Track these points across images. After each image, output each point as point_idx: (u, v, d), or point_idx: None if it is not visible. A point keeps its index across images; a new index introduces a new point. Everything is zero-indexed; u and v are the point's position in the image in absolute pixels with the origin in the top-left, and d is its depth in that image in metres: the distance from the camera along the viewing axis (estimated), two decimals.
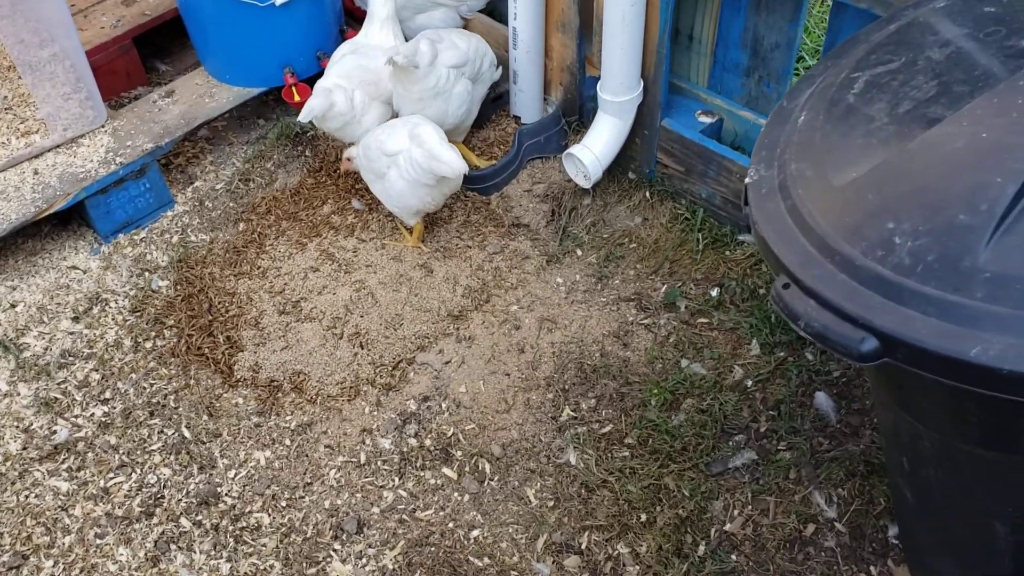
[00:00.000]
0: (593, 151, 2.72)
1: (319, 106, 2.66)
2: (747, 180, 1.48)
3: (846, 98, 1.47)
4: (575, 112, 2.99)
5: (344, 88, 2.71)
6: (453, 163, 2.43)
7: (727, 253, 2.68)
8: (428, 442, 2.34)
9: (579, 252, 2.76)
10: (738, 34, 2.61)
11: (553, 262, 2.74)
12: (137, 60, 3.28)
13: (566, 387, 2.42)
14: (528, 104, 2.98)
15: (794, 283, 1.28)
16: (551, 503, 2.21)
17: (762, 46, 2.58)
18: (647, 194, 2.85)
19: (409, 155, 2.50)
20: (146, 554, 2.17)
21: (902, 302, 1.18)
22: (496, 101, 3.08)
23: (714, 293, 2.59)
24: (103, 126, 2.89)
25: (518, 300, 2.64)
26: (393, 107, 2.80)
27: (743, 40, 2.61)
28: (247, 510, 2.24)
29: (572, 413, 2.37)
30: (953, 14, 1.54)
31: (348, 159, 2.72)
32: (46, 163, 2.79)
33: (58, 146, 2.83)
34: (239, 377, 2.49)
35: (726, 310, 2.55)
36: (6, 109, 2.89)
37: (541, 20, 2.79)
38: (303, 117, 2.67)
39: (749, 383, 2.38)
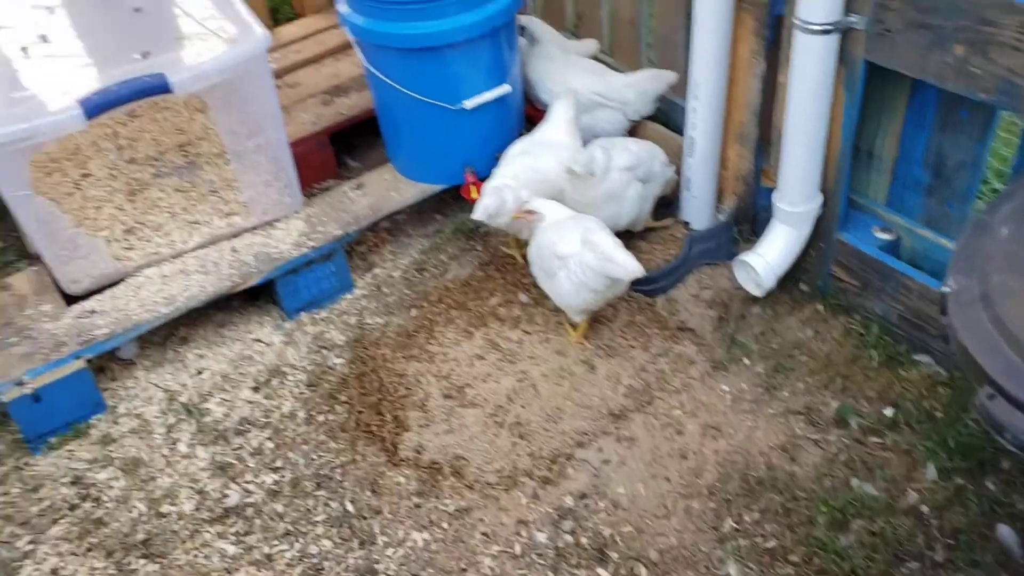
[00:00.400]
0: (767, 259, 2.71)
1: (492, 205, 2.80)
2: (946, 289, 1.45)
3: None
4: (747, 221, 3.00)
5: (512, 188, 2.84)
6: (628, 265, 2.47)
7: (902, 372, 2.58)
8: (584, 540, 2.32)
9: (746, 361, 2.72)
10: (921, 153, 2.57)
11: (719, 369, 2.71)
12: (331, 155, 3.52)
13: (729, 497, 2.36)
14: (699, 210, 3.01)
15: (1000, 394, 1.23)
16: None
17: (945, 166, 2.53)
18: (819, 307, 2.80)
19: (580, 259, 2.55)
20: None
21: None
22: (667, 207, 3.13)
23: (888, 412, 2.49)
24: (298, 212, 3.10)
25: (681, 404, 2.61)
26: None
27: (925, 159, 2.57)
28: None
29: (734, 525, 2.30)
30: None
31: (529, 212, 2.74)
32: (244, 242, 3.01)
33: (256, 227, 3.05)
34: (403, 456, 2.56)
35: (900, 431, 2.44)
36: (212, 192, 3.14)
37: (719, 131, 2.84)
38: (476, 215, 2.81)
39: (924, 509, 2.25)
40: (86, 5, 3.02)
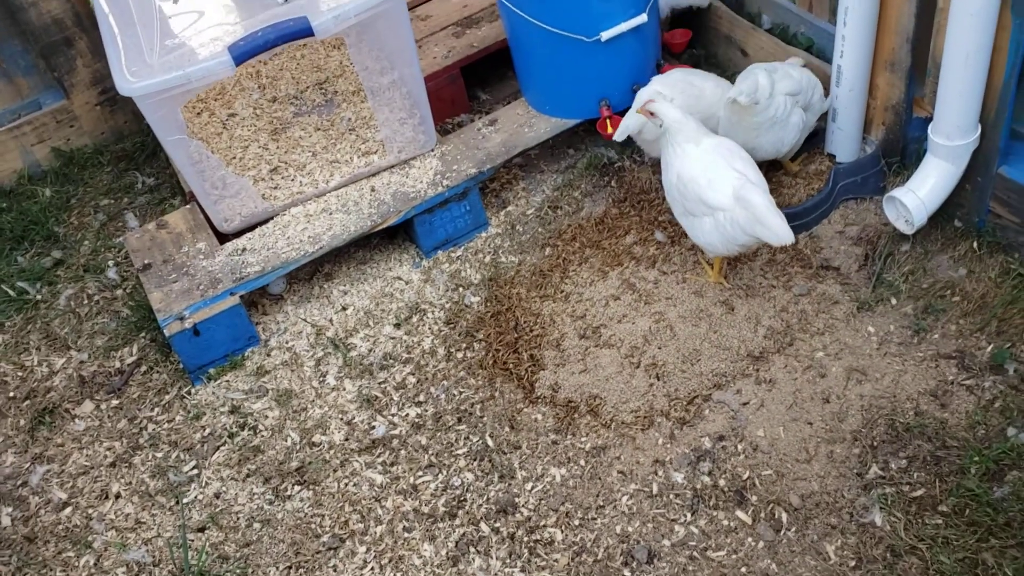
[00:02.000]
0: (919, 195, 2.58)
1: (635, 123, 2.75)
2: None
3: None
4: (896, 153, 2.85)
5: (663, 95, 2.72)
6: (782, 233, 2.34)
7: None
8: (722, 482, 2.32)
9: (893, 301, 2.63)
10: None
11: (864, 309, 2.62)
12: (462, 88, 3.52)
13: (874, 443, 2.31)
14: (845, 143, 2.88)
15: None
16: (852, 563, 2.11)
17: None
18: (974, 244, 2.66)
19: (732, 216, 2.45)
20: (447, 553, 2.32)
21: None
22: (810, 139, 3.00)
23: None
24: (432, 150, 3.12)
25: (824, 347, 2.55)
26: (719, 131, 2.77)
27: None
28: (542, 523, 2.33)
29: (880, 472, 2.25)
30: None
31: (650, 113, 2.61)
32: (382, 181, 3.07)
33: (392, 166, 3.10)
34: (539, 394, 2.60)
35: None
36: (351, 130, 3.20)
37: (869, 59, 2.69)
38: (618, 136, 2.78)
39: None
40: None
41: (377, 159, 3.10)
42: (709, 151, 2.54)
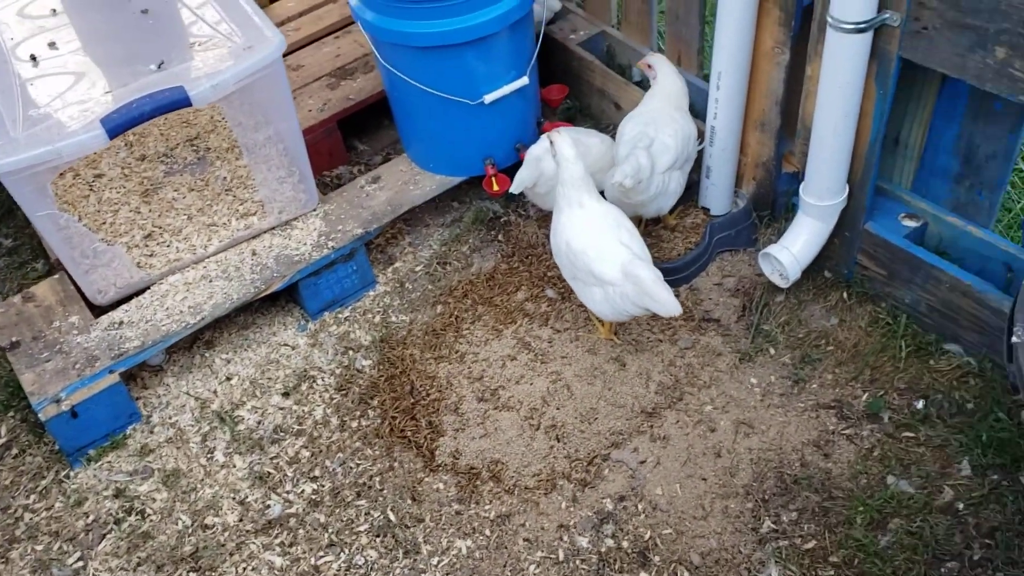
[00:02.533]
0: (792, 252, 2.71)
1: (529, 177, 2.80)
2: (1014, 340, 1.46)
3: None
4: (767, 207, 3.00)
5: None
6: (670, 306, 2.39)
7: (932, 363, 2.61)
8: (625, 544, 2.37)
9: (772, 351, 2.75)
10: (950, 141, 2.57)
11: (746, 360, 2.74)
12: (340, 141, 3.47)
13: (765, 497, 2.41)
14: (719, 197, 3.00)
15: None
16: None
17: (976, 155, 2.52)
18: (844, 295, 2.82)
19: (622, 291, 2.49)
20: None
21: None
22: (686, 191, 3.11)
23: (919, 405, 2.53)
24: (315, 210, 3.06)
25: (712, 400, 2.64)
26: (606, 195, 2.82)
27: (955, 147, 2.57)
28: None
29: (773, 525, 2.35)
30: None
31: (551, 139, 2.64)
32: (263, 244, 2.98)
33: (274, 228, 3.02)
34: (440, 462, 2.59)
35: (933, 425, 2.49)
36: (227, 190, 3.11)
37: (740, 119, 2.81)
38: (515, 188, 2.82)
39: (960, 506, 2.31)
40: (90, 6, 2.93)
41: (257, 221, 3.01)
42: (596, 219, 2.59)
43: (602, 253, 2.51)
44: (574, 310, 2.90)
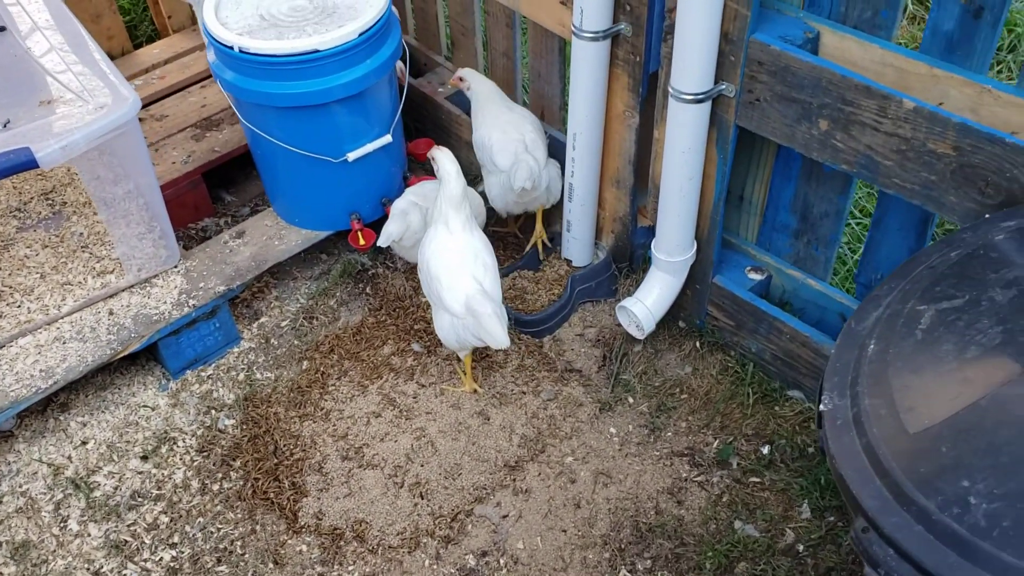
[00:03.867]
0: (646, 304, 2.82)
1: (396, 231, 2.83)
2: (821, 407, 1.57)
3: (914, 333, 1.57)
4: (626, 258, 3.11)
5: (419, 206, 2.91)
6: (499, 339, 2.49)
7: (776, 408, 2.76)
8: None
9: (631, 400, 2.85)
10: (788, 199, 2.72)
11: (606, 410, 2.82)
12: (205, 193, 3.43)
13: (622, 546, 2.49)
14: (580, 250, 3.10)
15: (872, 528, 1.36)
16: None
17: (811, 213, 2.69)
18: (697, 344, 2.95)
19: (463, 323, 2.59)
20: None
21: (978, 564, 1.26)
22: (549, 242, 3.20)
23: (765, 451, 2.66)
24: (176, 266, 3.02)
25: (573, 451, 2.72)
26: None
27: (793, 205, 2.72)
28: None
29: (628, 574, 2.43)
30: (1018, 245, 1.64)
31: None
32: (121, 303, 2.92)
33: (132, 286, 2.96)
34: (303, 524, 2.58)
35: (777, 469, 2.62)
36: (83, 247, 3.03)
37: (596, 176, 2.92)
38: (382, 242, 2.84)
39: (800, 548, 2.44)
40: None
41: (114, 279, 2.95)
42: (458, 248, 2.65)
43: (453, 283, 2.59)
44: (439, 364, 2.94)
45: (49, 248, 3.01)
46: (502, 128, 2.98)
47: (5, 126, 2.54)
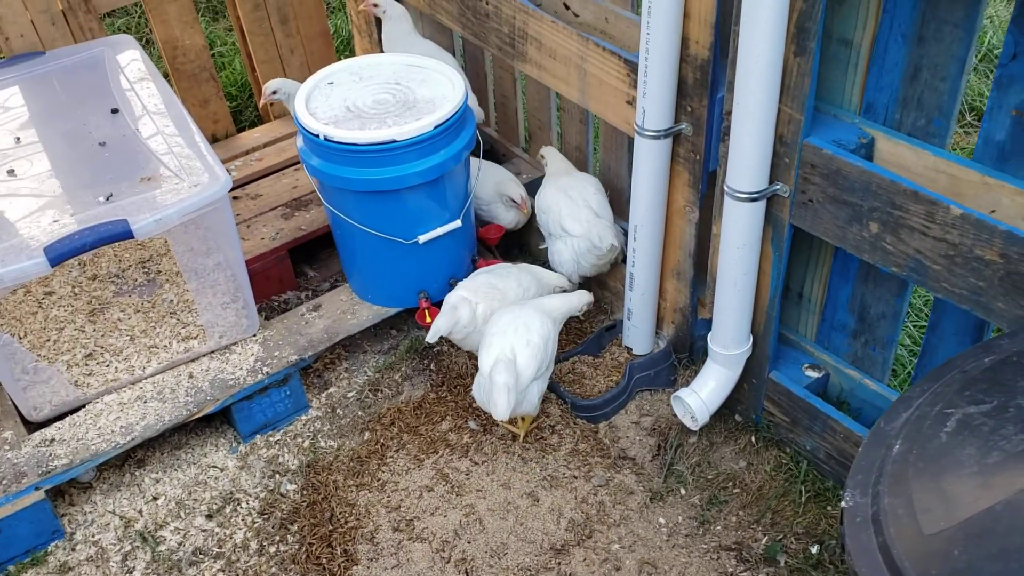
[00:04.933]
0: (701, 396, 2.85)
1: (444, 325, 2.93)
2: (843, 504, 1.59)
3: (939, 435, 1.58)
4: (685, 349, 3.15)
5: (469, 301, 2.99)
6: (498, 413, 2.69)
7: (829, 508, 2.73)
8: None
9: (683, 491, 2.86)
10: (846, 299, 2.74)
11: (656, 499, 2.84)
12: (290, 268, 3.63)
13: None
14: (640, 339, 3.16)
15: None
16: None
17: (869, 313, 2.70)
18: (753, 439, 2.95)
19: (482, 384, 2.81)
20: None
21: None
22: (610, 330, 3.27)
23: (814, 550, 2.63)
24: (255, 335, 3.19)
25: (620, 538, 2.73)
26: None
27: (851, 305, 2.74)
28: None
29: None
30: None
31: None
32: (200, 367, 3.10)
33: (212, 352, 3.15)
34: None
35: (825, 569, 2.58)
36: (171, 313, 3.24)
37: (657, 267, 2.99)
38: (430, 338, 2.94)
39: None
40: (52, 135, 3.12)
41: (197, 344, 3.14)
42: (511, 318, 2.86)
43: (492, 343, 2.80)
44: (494, 443, 3.01)
45: (141, 313, 3.23)
46: (565, 192, 3.16)
47: (108, 199, 2.78)
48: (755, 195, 2.46)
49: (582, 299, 3.08)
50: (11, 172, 2.96)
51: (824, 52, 2.35)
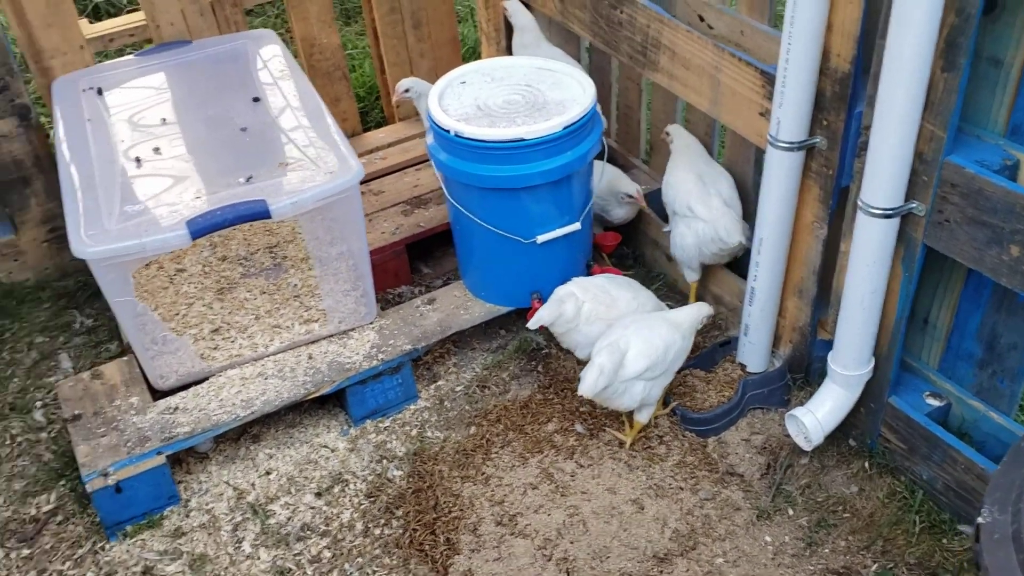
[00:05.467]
0: (817, 416, 2.80)
1: (547, 316, 2.96)
2: (979, 520, 1.54)
3: None
4: (802, 370, 3.10)
5: (576, 297, 2.99)
6: (584, 387, 2.75)
7: (944, 541, 2.64)
8: None
9: (790, 511, 2.80)
10: (975, 327, 2.66)
11: (763, 518, 2.79)
12: (406, 263, 3.71)
13: None
14: (756, 356, 3.11)
15: None
16: None
17: (999, 343, 2.61)
18: (866, 464, 2.87)
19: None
20: None
21: None
22: (724, 345, 3.24)
23: None
24: (371, 323, 3.27)
25: (724, 553, 2.69)
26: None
27: (979, 334, 2.65)
28: None
29: None
30: None
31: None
32: (320, 349, 3.19)
33: (331, 335, 3.23)
34: None
35: None
36: (295, 297, 3.34)
37: (779, 284, 2.95)
38: (531, 324, 2.97)
39: None
40: (196, 119, 3.28)
41: (318, 328, 3.23)
42: (653, 320, 2.93)
43: (608, 334, 2.87)
44: (600, 448, 3.01)
45: (266, 295, 3.34)
46: (698, 175, 3.15)
47: (248, 180, 2.90)
48: (890, 212, 2.41)
49: (702, 311, 3.06)
50: (156, 150, 3.11)
51: (972, 70, 2.29)
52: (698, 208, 3.11)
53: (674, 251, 3.27)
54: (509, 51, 3.83)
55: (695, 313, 3.03)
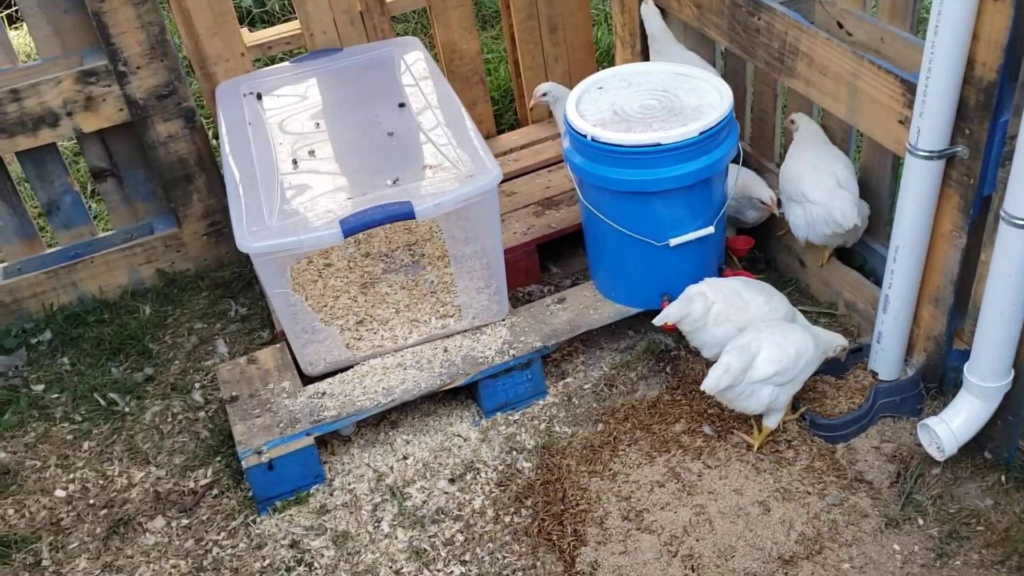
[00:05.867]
0: (951, 427, 2.76)
1: (675, 313, 3.01)
2: None
3: None
4: (936, 379, 3.06)
5: (706, 296, 3.03)
6: (707, 383, 2.82)
7: None
8: None
9: (920, 521, 2.78)
10: None
11: (892, 526, 2.78)
12: (536, 263, 3.83)
13: None
14: (888, 363, 3.09)
15: None
16: None
17: None
18: (1002, 478, 2.82)
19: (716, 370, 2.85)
20: None
21: None
22: (855, 352, 3.22)
23: None
24: (503, 320, 3.40)
25: (851, 558, 2.70)
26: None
27: None
28: None
29: None
30: None
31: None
32: (455, 343, 3.34)
33: (465, 331, 3.38)
34: (579, 570, 2.77)
35: None
36: (432, 293, 3.51)
37: (914, 292, 2.92)
38: (658, 320, 3.03)
39: None
40: (346, 124, 3.48)
41: (453, 323, 3.38)
42: (781, 327, 2.96)
43: (741, 337, 2.91)
44: (727, 449, 3.05)
45: (405, 290, 3.52)
46: (812, 163, 3.16)
47: (394, 183, 3.07)
48: None
49: (842, 340, 3.05)
50: (311, 153, 3.32)
51: None
52: (810, 192, 3.13)
53: (792, 231, 3.32)
54: (644, 56, 3.90)
55: (835, 338, 3.04)
